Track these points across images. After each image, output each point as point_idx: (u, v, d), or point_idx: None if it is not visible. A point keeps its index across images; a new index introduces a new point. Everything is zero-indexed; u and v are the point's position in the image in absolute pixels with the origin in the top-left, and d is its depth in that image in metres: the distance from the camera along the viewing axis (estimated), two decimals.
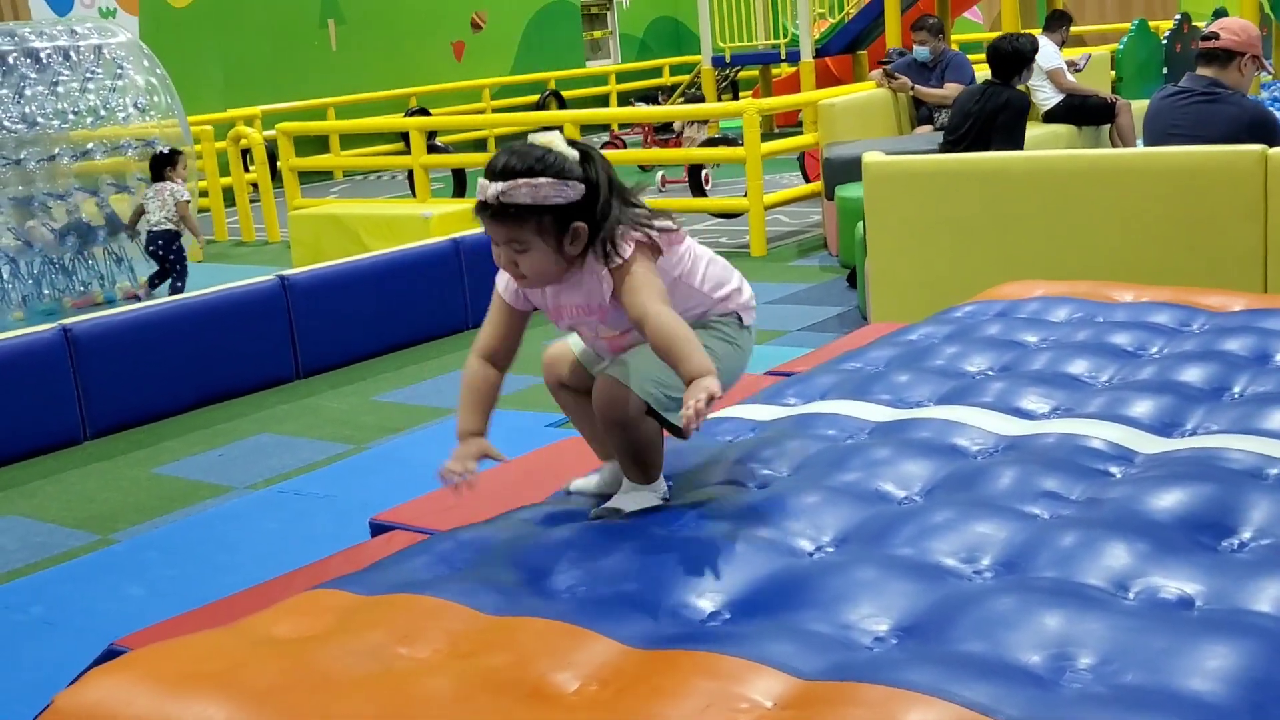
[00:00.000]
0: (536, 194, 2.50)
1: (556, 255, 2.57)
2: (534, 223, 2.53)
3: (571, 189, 2.53)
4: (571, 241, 2.56)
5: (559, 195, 2.51)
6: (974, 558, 2.33)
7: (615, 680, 2.02)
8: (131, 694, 2.12)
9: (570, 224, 2.54)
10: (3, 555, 4.76)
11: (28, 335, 6.04)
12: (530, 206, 2.51)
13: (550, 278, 2.63)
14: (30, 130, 8.57)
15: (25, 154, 8.51)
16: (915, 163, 6.31)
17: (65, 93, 8.88)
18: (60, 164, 8.78)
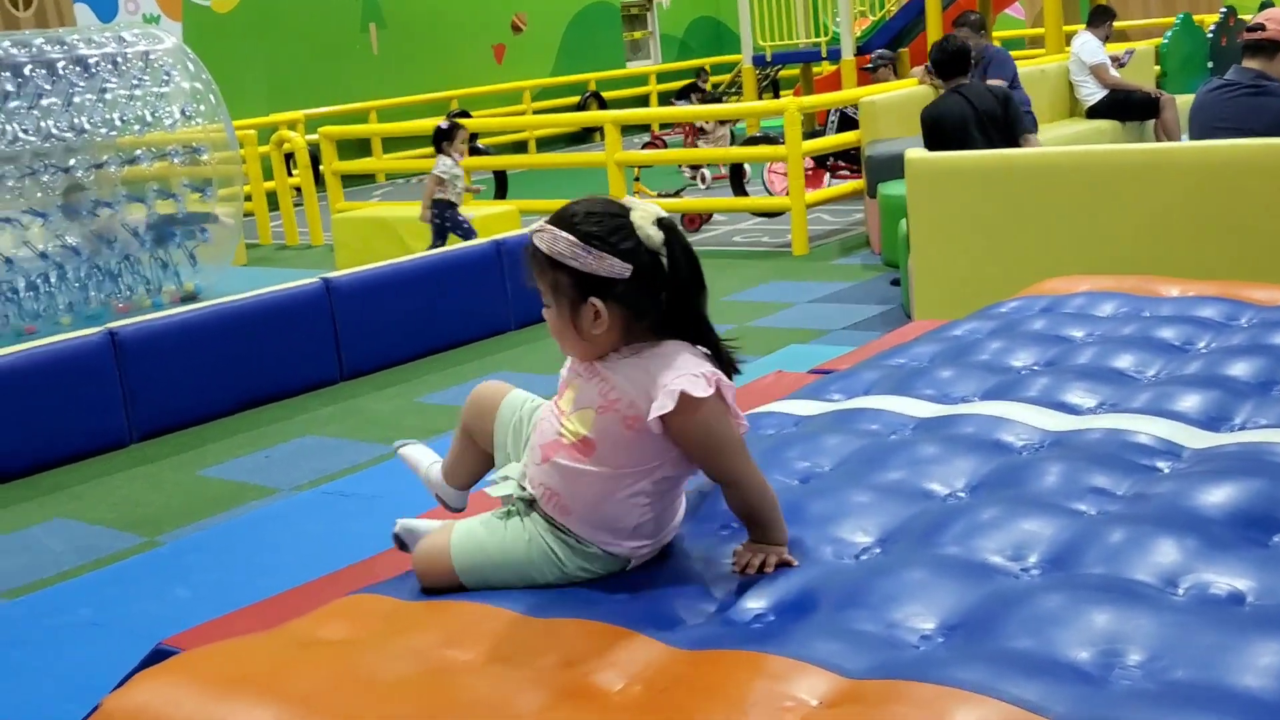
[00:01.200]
0: (555, 247, 2.28)
1: (570, 327, 2.32)
2: (550, 277, 2.31)
3: (601, 262, 2.25)
4: (593, 320, 2.28)
5: (576, 259, 2.26)
6: (1021, 555, 2.30)
7: (659, 680, 2.01)
8: (178, 697, 2.13)
9: (588, 297, 2.28)
10: (51, 557, 4.79)
11: (74, 339, 6.09)
12: (545, 257, 2.31)
13: (571, 348, 2.37)
14: (79, 138, 8.64)
15: (74, 161, 8.59)
16: (958, 159, 6.27)
17: (113, 100, 8.95)
18: (108, 171, 8.86)
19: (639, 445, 2.30)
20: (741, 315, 7.71)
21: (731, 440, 2.30)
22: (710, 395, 2.24)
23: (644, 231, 2.28)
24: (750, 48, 16.91)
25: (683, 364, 2.27)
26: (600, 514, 2.34)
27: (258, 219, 12.75)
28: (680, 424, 2.25)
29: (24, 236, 8.34)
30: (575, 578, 2.37)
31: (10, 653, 3.90)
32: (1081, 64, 11.06)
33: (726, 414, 2.30)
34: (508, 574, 2.38)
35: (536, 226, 2.35)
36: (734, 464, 2.31)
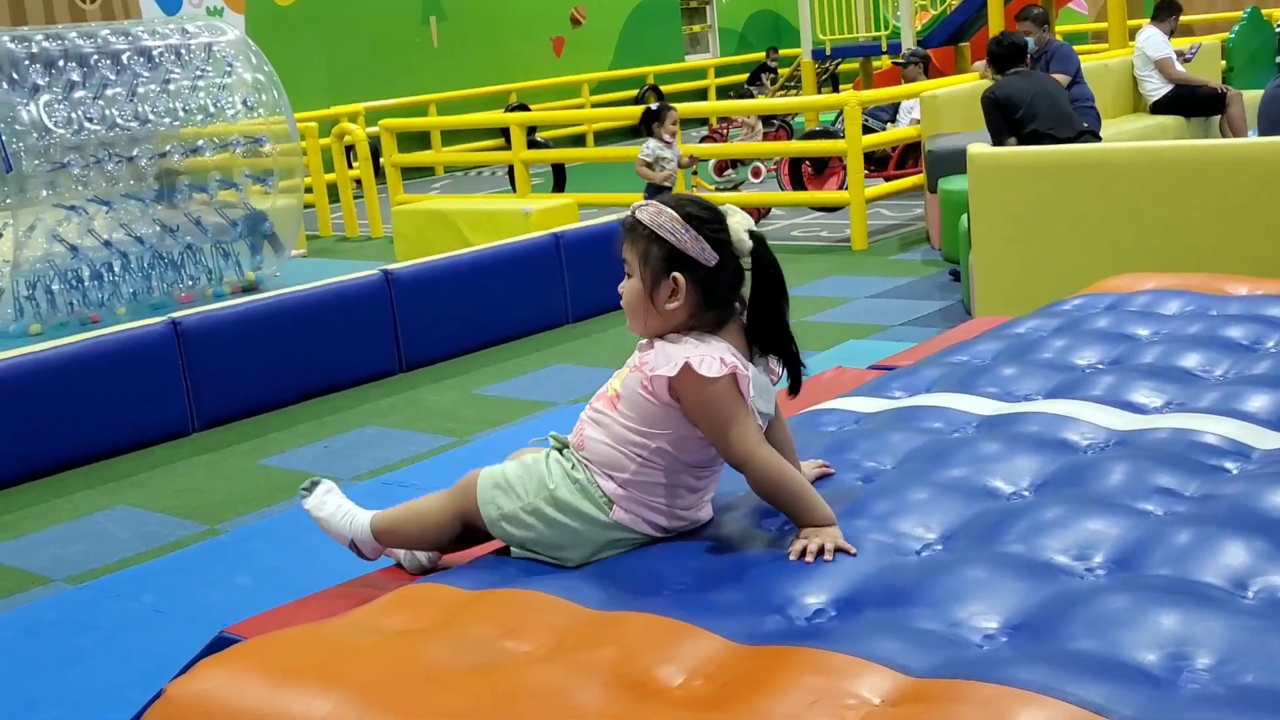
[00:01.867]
0: (657, 219, 2.46)
1: (647, 298, 2.47)
2: (642, 246, 2.48)
3: (695, 243, 2.43)
4: (670, 294, 2.45)
5: (676, 236, 2.44)
6: (1086, 555, 2.28)
7: (720, 675, 2.01)
8: (241, 684, 2.15)
9: (672, 272, 2.45)
10: (115, 544, 4.85)
11: (138, 328, 6.15)
12: (646, 228, 2.47)
13: (639, 320, 2.52)
14: (143, 127, 8.73)
15: (138, 151, 8.67)
16: (1021, 154, 6.22)
17: (176, 90, 9.03)
18: (171, 160, 8.93)
19: (650, 409, 2.47)
20: (800, 310, 7.68)
21: (738, 420, 2.40)
22: (718, 377, 2.38)
23: (737, 235, 2.46)
24: (810, 41, 16.84)
25: (711, 349, 2.42)
26: (601, 452, 2.53)
27: (318, 211, 12.83)
28: (685, 395, 2.42)
29: (89, 225, 8.43)
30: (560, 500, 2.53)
31: (76, 638, 3.94)
32: (1146, 59, 10.94)
33: (737, 399, 2.40)
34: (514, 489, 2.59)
35: (640, 202, 2.53)
36: (741, 444, 2.41)
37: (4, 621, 4.16)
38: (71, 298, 8.23)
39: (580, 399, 6.16)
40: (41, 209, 8.17)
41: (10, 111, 7.94)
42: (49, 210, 8.21)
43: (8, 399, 5.64)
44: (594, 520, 2.52)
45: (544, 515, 2.55)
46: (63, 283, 8.19)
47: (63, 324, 8.01)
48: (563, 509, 2.53)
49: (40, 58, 8.27)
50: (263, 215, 9.28)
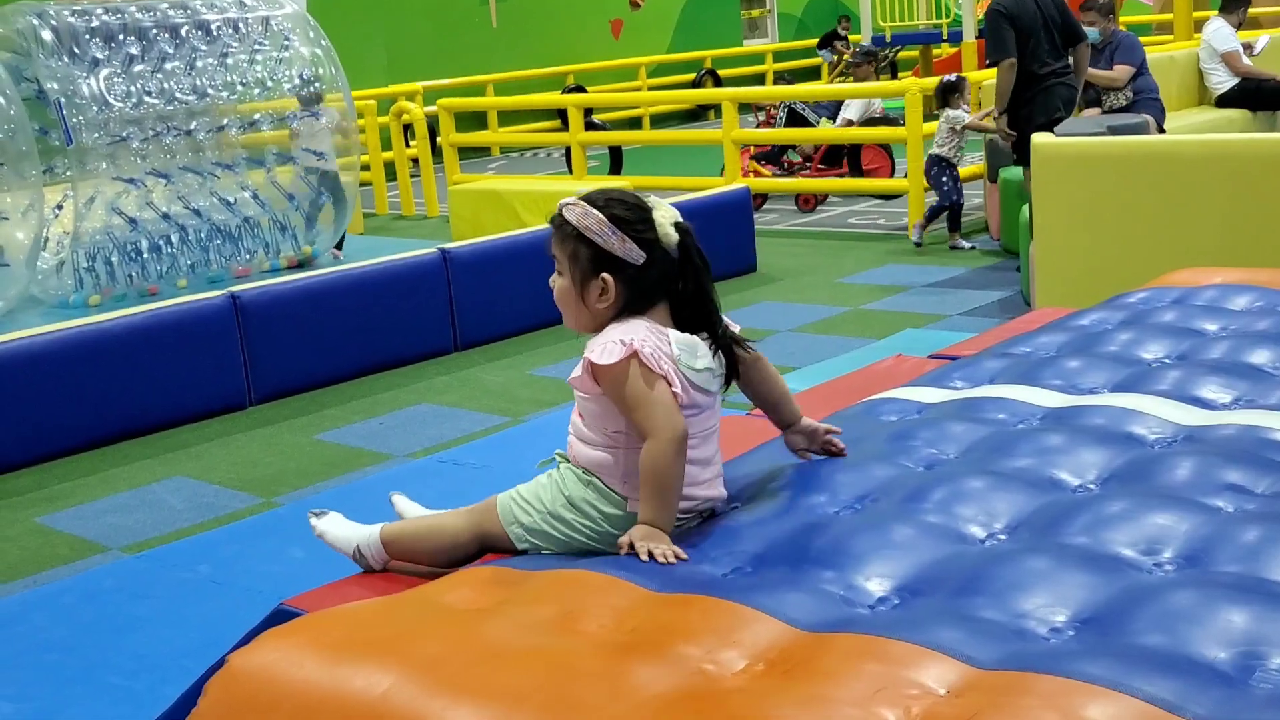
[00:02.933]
0: (584, 221, 2.48)
1: (578, 298, 2.53)
2: (570, 247, 2.51)
3: (622, 243, 2.47)
4: (599, 293, 2.50)
5: (602, 237, 2.47)
6: (1154, 550, 2.25)
7: (782, 662, 1.99)
8: (303, 657, 2.16)
9: (601, 273, 2.49)
10: (171, 514, 4.89)
11: (198, 301, 6.20)
12: (573, 229, 2.50)
13: (572, 319, 2.59)
14: (200, 101, 8.77)
15: (195, 124, 8.72)
16: (1085, 145, 6.15)
17: (234, 64, 9.07)
18: (228, 135, 8.98)
19: (593, 407, 2.54)
20: (856, 298, 7.65)
21: (642, 403, 2.44)
22: (616, 362, 2.43)
23: (663, 229, 2.51)
24: (870, 28, 16.73)
25: (615, 331, 2.48)
26: (591, 458, 2.57)
27: (375, 189, 12.87)
28: (602, 385, 2.48)
29: (147, 198, 8.48)
30: (576, 503, 2.56)
31: (133, 606, 3.98)
32: (1213, 51, 10.79)
33: (641, 378, 2.44)
34: (529, 503, 2.62)
35: (568, 199, 2.54)
36: (645, 420, 2.44)
37: (63, 588, 4.20)
38: (130, 270, 8.30)
39: None
40: (100, 181, 8.23)
41: (71, 85, 8.00)
42: (108, 183, 8.27)
43: (69, 369, 5.70)
44: (614, 517, 2.55)
45: (565, 520, 2.58)
46: (121, 255, 8.25)
47: (122, 296, 8.08)
48: (582, 512, 2.57)
49: (100, 31, 8.32)
50: (337, 179, 9.31)
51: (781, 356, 6.40)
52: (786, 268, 8.77)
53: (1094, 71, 9.44)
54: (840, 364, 5.29)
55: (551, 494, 2.60)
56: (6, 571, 4.45)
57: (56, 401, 5.67)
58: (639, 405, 2.44)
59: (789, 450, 2.84)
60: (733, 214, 8.65)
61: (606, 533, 2.55)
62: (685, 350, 2.52)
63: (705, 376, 2.56)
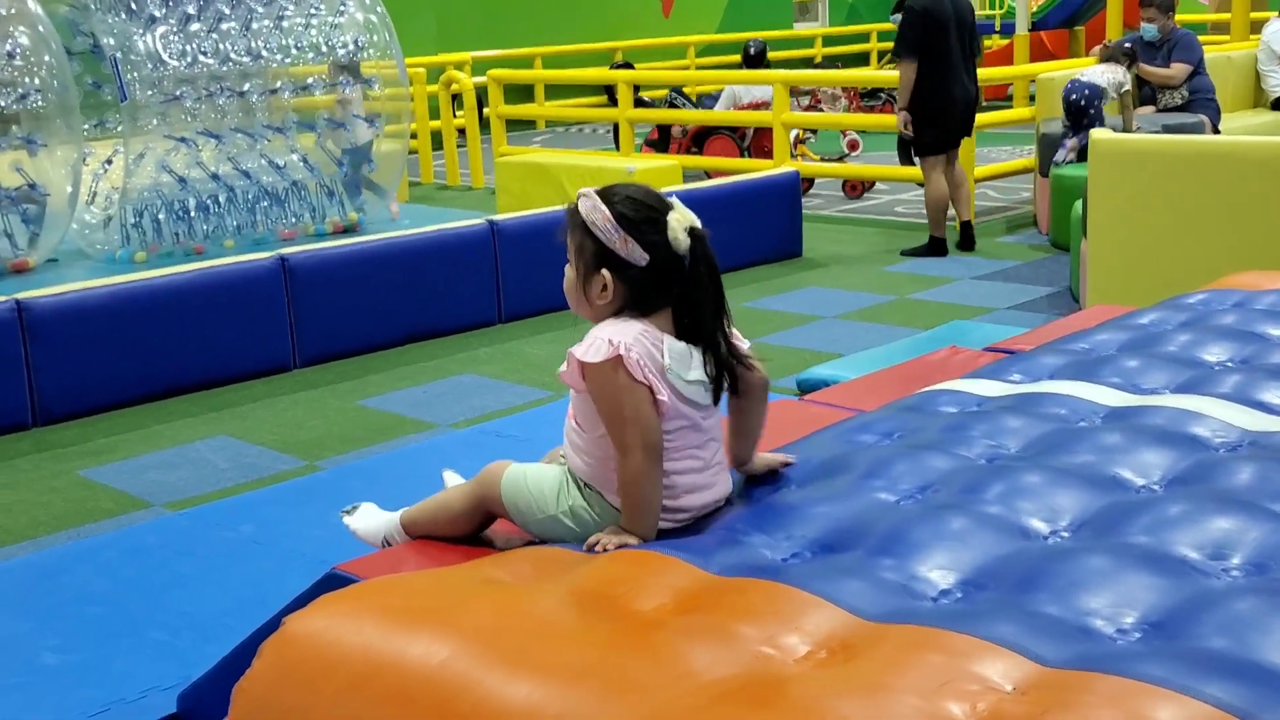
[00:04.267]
0: (591, 216, 2.46)
1: (580, 289, 2.53)
2: (577, 239, 2.51)
3: (624, 243, 2.44)
4: (600, 289, 2.48)
5: (605, 235, 2.45)
6: (1222, 555, 2.22)
7: (844, 650, 1.97)
8: (359, 623, 2.15)
9: (601, 269, 2.46)
10: (215, 473, 4.90)
11: (247, 262, 6.21)
12: (581, 221, 2.48)
13: (574, 307, 2.58)
14: (254, 63, 8.77)
15: (248, 86, 8.72)
16: (1145, 142, 6.10)
17: (289, 28, 9.06)
18: (280, 98, 8.98)
19: (584, 405, 2.52)
20: (902, 287, 7.61)
21: (623, 409, 2.40)
22: (601, 361, 2.39)
23: (674, 233, 2.44)
24: None
25: (607, 329, 2.44)
26: (583, 469, 2.56)
27: (421, 158, 12.87)
28: (587, 382, 2.44)
29: (197, 157, 8.49)
30: (576, 513, 2.56)
31: (176, 563, 3.99)
32: (1271, 53, 10.68)
33: (626, 384, 2.39)
34: (533, 500, 2.60)
35: (584, 190, 2.52)
36: (618, 434, 2.42)
37: (107, 542, 4.22)
38: (177, 228, 8.31)
39: None
40: (151, 138, 8.25)
41: (126, 41, 8.01)
42: (159, 140, 8.28)
43: (117, 324, 5.72)
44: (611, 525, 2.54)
45: (564, 525, 2.58)
46: (169, 213, 8.27)
47: (168, 253, 8.10)
48: (579, 522, 2.57)
49: None
50: (367, 152, 9.29)
51: (826, 343, 6.38)
52: (832, 254, 8.73)
53: (1149, 69, 9.35)
54: (889, 353, 5.26)
55: (556, 495, 2.59)
56: (50, 523, 4.48)
57: (103, 356, 5.69)
58: (614, 418, 2.42)
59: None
60: (780, 198, 8.61)
61: (575, 506, 2.58)
62: (677, 360, 2.47)
63: (697, 389, 2.50)
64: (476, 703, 1.91)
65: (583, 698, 1.87)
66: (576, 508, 2.57)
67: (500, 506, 2.65)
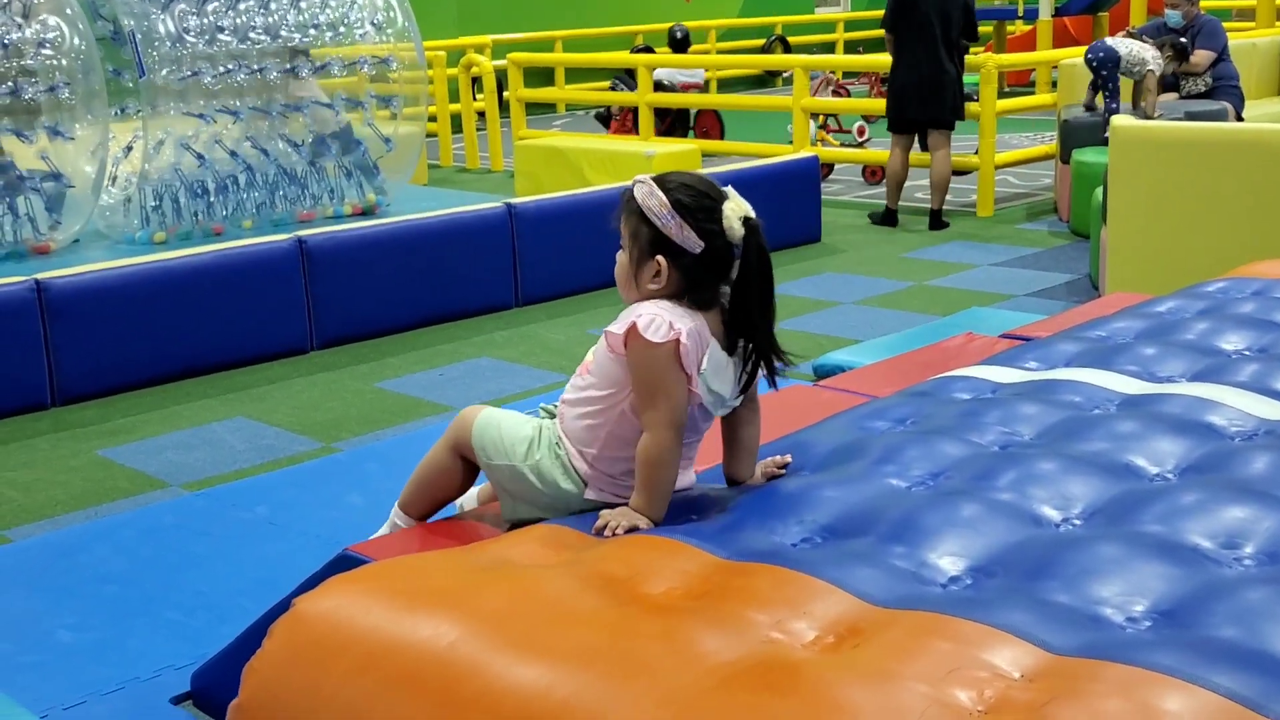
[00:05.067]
0: (648, 202, 2.47)
1: (631, 275, 2.53)
2: (633, 225, 2.51)
3: (680, 229, 2.45)
4: (653, 276, 2.49)
5: (661, 220, 2.46)
6: (1235, 544, 2.21)
7: (853, 635, 1.97)
8: (369, 604, 2.16)
9: (656, 255, 2.48)
10: (231, 454, 4.92)
11: (265, 244, 6.22)
12: (637, 207, 2.49)
13: (624, 291, 2.58)
14: (273, 42, 8.77)
15: (266, 64, 8.70)
16: (1166, 130, 6.06)
17: (307, 6, 9.04)
18: (299, 77, 8.96)
19: (610, 366, 2.54)
20: (920, 273, 7.59)
21: (662, 391, 2.44)
22: (659, 343, 2.41)
23: (729, 222, 2.47)
24: None
25: (670, 314, 2.46)
26: (573, 428, 2.61)
27: (440, 140, 12.87)
28: (630, 352, 2.46)
29: (216, 136, 8.48)
30: (542, 472, 2.62)
31: (191, 543, 4.00)
32: None
33: (672, 368, 2.43)
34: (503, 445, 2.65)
35: (643, 176, 2.53)
36: (651, 408, 2.45)
37: (124, 521, 4.23)
38: (196, 208, 8.32)
39: None
40: (171, 122, 8.24)
41: (146, 21, 8.01)
42: (178, 119, 8.28)
43: (136, 305, 5.74)
44: (571, 494, 2.62)
45: (527, 480, 2.63)
46: (188, 193, 8.28)
47: (187, 234, 8.11)
48: (544, 480, 2.62)
49: None
50: (354, 137, 9.24)
51: (843, 328, 6.36)
52: (851, 240, 8.71)
53: None
54: (906, 339, 5.24)
55: (524, 451, 2.64)
56: (69, 502, 4.50)
57: (122, 337, 5.71)
58: (654, 394, 2.44)
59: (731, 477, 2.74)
60: (799, 183, 8.59)
61: (560, 505, 2.62)
62: (714, 369, 2.50)
63: (715, 400, 2.53)
64: (485, 685, 1.92)
65: (591, 681, 1.87)
66: (543, 465, 2.62)
67: (469, 448, 2.70)
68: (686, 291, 2.50)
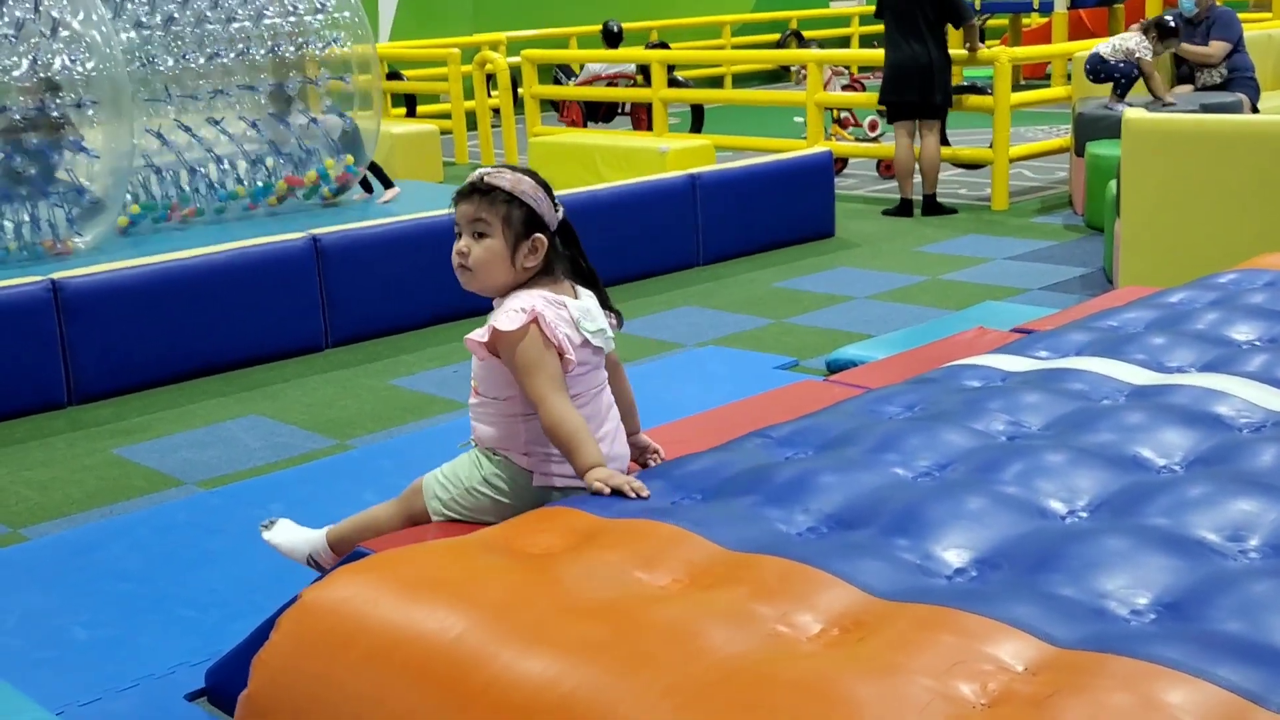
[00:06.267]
0: (520, 186, 2.72)
1: (508, 257, 2.71)
2: (504, 207, 2.70)
3: (548, 206, 2.74)
4: (529, 253, 2.71)
5: (535, 201, 2.71)
6: (1239, 536, 2.21)
7: (857, 629, 1.98)
8: (376, 595, 2.18)
9: (534, 233, 2.70)
10: (246, 452, 4.94)
11: (279, 242, 6.23)
12: (507, 192, 2.70)
13: (492, 279, 2.75)
14: (225, 28, 8.82)
15: (222, 50, 8.65)
16: (1179, 121, 6.05)
17: None
18: (254, 59, 8.99)
19: (490, 373, 2.77)
20: (935, 267, 7.58)
21: (537, 367, 2.64)
22: (518, 329, 2.63)
23: (559, 206, 2.80)
24: None
25: (518, 300, 2.69)
26: (490, 435, 2.82)
27: (455, 138, 12.89)
28: (500, 350, 2.68)
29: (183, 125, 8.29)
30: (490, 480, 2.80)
31: (206, 540, 4.03)
32: None
33: (536, 344, 2.65)
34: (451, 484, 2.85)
35: (488, 169, 2.77)
36: (536, 389, 2.65)
37: (139, 519, 4.26)
38: (198, 183, 8.23)
39: (708, 342, 6.14)
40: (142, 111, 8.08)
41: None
42: (153, 111, 8.15)
43: (151, 304, 5.76)
44: (523, 490, 2.78)
45: (482, 494, 2.80)
46: (162, 182, 8.12)
47: (151, 209, 7.89)
48: (495, 488, 2.79)
49: None
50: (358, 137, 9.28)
51: (857, 324, 6.36)
52: (865, 234, 8.70)
53: (1188, 47, 9.26)
54: (918, 334, 5.24)
55: (469, 471, 2.82)
56: (84, 500, 4.52)
57: (137, 335, 5.73)
58: (530, 372, 2.64)
59: None
60: (813, 178, 8.58)
61: (519, 506, 2.73)
62: (583, 314, 2.75)
63: (601, 336, 2.78)
64: (492, 676, 1.93)
65: (597, 673, 1.88)
66: (489, 475, 2.78)
67: (426, 514, 2.88)
68: (553, 262, 2.76)
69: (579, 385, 2.74)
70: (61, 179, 7.27)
